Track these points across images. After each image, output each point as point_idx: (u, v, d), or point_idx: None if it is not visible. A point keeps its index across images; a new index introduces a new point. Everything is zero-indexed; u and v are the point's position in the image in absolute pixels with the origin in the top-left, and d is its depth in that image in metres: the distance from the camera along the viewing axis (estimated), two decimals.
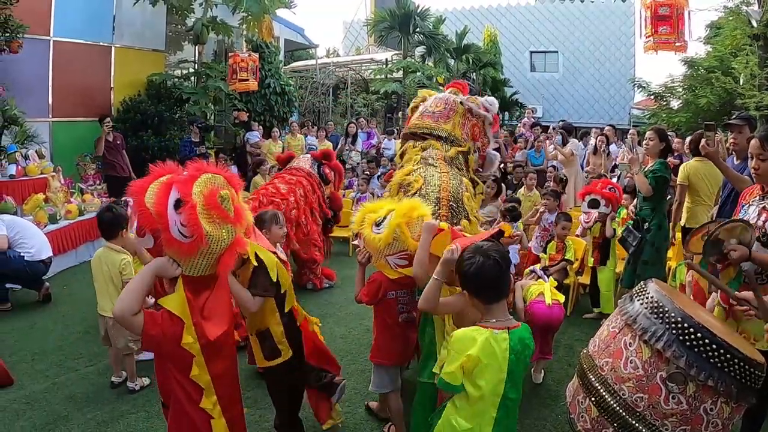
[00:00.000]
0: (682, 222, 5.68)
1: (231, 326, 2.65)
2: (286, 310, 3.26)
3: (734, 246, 2.84)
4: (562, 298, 4.14)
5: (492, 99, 4.70)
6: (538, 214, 6.64)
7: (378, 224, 3.26)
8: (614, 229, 5.77)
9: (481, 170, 4.67)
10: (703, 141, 4.44)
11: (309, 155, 7.18)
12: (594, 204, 5.75)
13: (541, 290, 4.09)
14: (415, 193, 3.81)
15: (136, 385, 4.29)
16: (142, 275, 2.38)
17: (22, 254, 5.94)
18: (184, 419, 2.46)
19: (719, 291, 3.04)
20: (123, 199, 7.31)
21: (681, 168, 5.68)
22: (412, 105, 4.87)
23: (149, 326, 2.29)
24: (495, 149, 10.85)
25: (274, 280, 3.06)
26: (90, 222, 7.18)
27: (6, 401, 4.10)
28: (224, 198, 2.41)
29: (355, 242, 5.50)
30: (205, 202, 2.34)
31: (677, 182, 5.66)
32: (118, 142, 9.98)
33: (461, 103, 4.49)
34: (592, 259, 5.92)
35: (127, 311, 2.24)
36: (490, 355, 2.29)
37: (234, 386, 2.71)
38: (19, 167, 7.73)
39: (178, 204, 2.30)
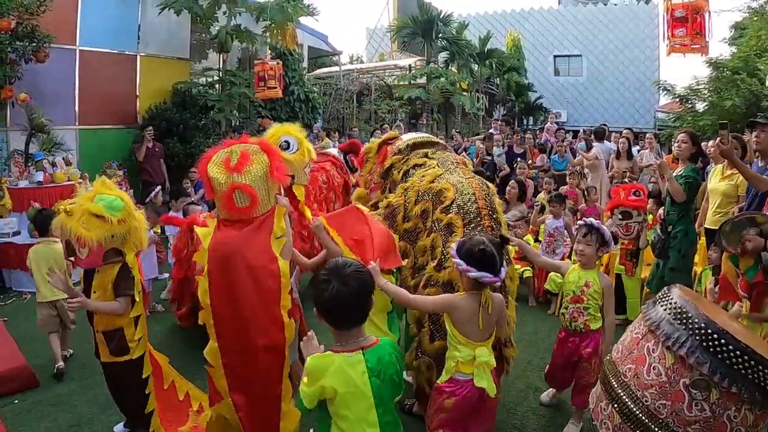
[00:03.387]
0: (708, 224, 5.56)
1: None
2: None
3: (751, 237, 2.81)
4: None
5: None
6: (540, 215, 6.91)
7: (284, 148, 3.47)
8: (648, 241, 5.67)
9: None
10: (717, 139, 4.41)
11: (336, 147, 7.27)
12: (627, 215, 5.65)
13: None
14: (451, 203, 3.41)
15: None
16: None
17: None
18: None
19: (740, 282, 3.04)
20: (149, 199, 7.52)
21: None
22: (382, 140, 4.53)
23: None
24: (520, 154, 10.88)
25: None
26: None
27: (31, 403, 4.17)
28: None
29: None
30: None
31: None
32: (157, 150, 10.39)
33: None
34: (623, 267, 5.80)
35: None
36: (346, 383, 2.10)
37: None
38: (47, 174, 7.88)
39: None
